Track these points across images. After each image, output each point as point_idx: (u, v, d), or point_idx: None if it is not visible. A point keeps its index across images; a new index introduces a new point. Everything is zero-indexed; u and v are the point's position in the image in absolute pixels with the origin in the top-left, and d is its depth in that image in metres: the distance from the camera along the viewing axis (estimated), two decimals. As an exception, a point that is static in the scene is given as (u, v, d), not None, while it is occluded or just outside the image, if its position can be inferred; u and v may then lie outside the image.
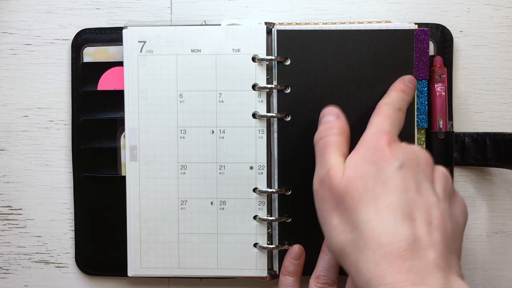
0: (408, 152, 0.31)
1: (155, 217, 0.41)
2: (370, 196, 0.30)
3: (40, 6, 0.43)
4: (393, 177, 0.30)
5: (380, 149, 0.31)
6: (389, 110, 0.34)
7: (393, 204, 0.29)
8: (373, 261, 0.28)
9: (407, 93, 0.37)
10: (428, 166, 0.32)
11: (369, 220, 0.29)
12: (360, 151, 0.32)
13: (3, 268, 0.44)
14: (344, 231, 0.30)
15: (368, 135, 0.33)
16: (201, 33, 0.40)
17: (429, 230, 0.29)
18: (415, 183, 0.30)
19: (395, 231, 0.28)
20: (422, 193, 0.30)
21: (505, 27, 0.42)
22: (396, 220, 0.29)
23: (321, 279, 0.38)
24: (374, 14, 0.43)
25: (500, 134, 0.40)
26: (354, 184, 0.30)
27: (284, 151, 0.40)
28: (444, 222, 0.30)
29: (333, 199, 0.31)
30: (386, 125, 0.33)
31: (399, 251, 0.28)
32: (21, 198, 0.44)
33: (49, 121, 0.44)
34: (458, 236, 0.31)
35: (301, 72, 0.40)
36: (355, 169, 0.31)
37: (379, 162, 0.31)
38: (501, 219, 0.43)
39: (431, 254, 0.28)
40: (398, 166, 0.30)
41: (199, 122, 0.40)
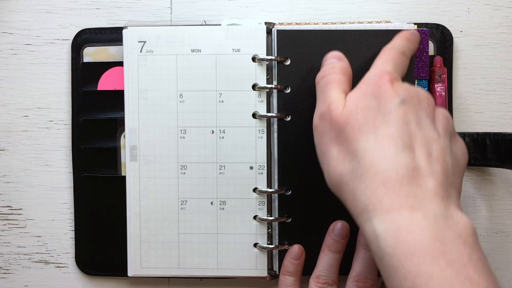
0: (410, 90, 0.31)
1: (155, 217, 0.41)
2: (371, 126, 0.30)
3: (40, 6, 0.43)
4: (394, 111, 0.30)
5: (382, 86, 0.31)
6: (392, 53, 0.34)
7: (393, 134, 0.29)
8: (371, 187, 0.28)
9: (411, 41, 0.36)
10: (430, 105, 0.32)
11: (368, 148, 0.29)
12: (361, 87, 0.32)
13: (3, 268, 0.44)
14: (343, 161, 0.30)
15: (370, 74, 0.33)
16: (201, 33, 0.40)
17: (429, 160, 0.29)
18: (415, 118, 0.30)
19: (394, 158, 0.28)
20: (423, 128, 0.30)
21: (505, 27, 0.42)
22: (396, 148, 0.29)
23: (321, 279, 0.38)
24: (374, 14, 0.43)
25: (500, 134, 0.40)
26: (355, 115, 0.30)
27: (284, 151, 0.40)
28: (444, 156, 0.30)
29: (333, 131, 0.31)
30: (389, 66, 0.33)
31: (398, 176, 0.28)
32: (21, 198, 0.44)
33: (49, 121, 0.44)
34: (458, 173, 0.31)
35: (301, 72, 0.40)
36: (357, 101, 0.31)
37: (380, 97, 0.30)
38: (501, 219, 0.43)
39: (431, 182, 0.28)
40: (399, 101, 0.30)
41: (199, 122, 0.40)
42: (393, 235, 0.27)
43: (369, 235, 0.28)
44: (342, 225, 0.39)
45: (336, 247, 0.39)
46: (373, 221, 0.27)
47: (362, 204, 0.28)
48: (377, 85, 0.31)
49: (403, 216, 0.27)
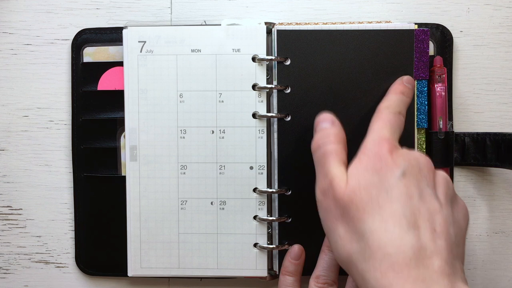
0: (409, 159, 0.31)
1: (155, 217, 0.41)
2: (375, 206, 0.30)
3: (40, 6, 0.43)
4: (396, 185, 0.30)
5: (382, 157, 0.31)
6: (389, 115, 0.34)
7: (397, 213, 0.29)
8: (380, 271, 0.28)
9: (406, 94, 0.37)
10: (430, 172, 0.32)
11: (374, 230, 0.29)
12: (362, 159, 0.32)
13: (3, 268, 0.44)
14: (350, 241, 0.30)
15: (369, 142, 0.33)
16: (201, 33, 0.40)
17: (433, 237, 0.29)
18: (417, 190, 0.30)
19: (400, 240, 0.28)
20: (425, 200, 0.30)
21: (505, 27, 0.42)
22: (401, 229, 0.29)
23: (321, 279, 0.38)
24: (374, 14, 0.43)
25: (500, 134, 0.40)
26: (359, 194, 0.30)
27: (284, 151, 0.40)
28: (447, 228, 0.30)
29: (337, 209, 0.31)
30: (387, 131, 0.33)
31: (405, 260, 0.28)
32: (21, 198, 0.44)
33: (49, 121, 0.44)
34: (461, 240, 0.32)
35: (301, 72, 0.40)
36: (359, 178, 0.31)
37: (381, 171, 0.31)
38: (501, 219, 0.43)
39: (437, 262, 0.28)
40: (400, 174, 0.30)
41: (199, 122, 0.40)
42: None
43: None
44: (342, 225, 0.39)
45: (336, 247, 0.39)
46: None
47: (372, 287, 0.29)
48: (377, 157, 0.31)
49: None
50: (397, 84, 0.38)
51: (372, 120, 0.35)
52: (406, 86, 0.37)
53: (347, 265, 0.31)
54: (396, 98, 0.36)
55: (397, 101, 0.36)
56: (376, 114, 0.35)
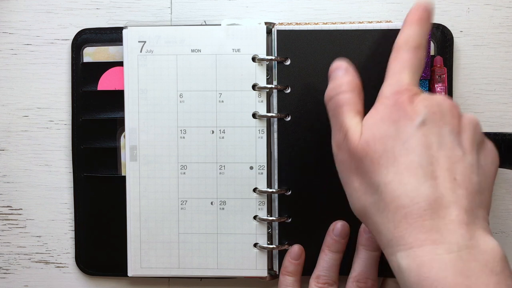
0: (431, 105, 0.30)
1: (155, 217, 0.41)
2: (390, 158, 0.29)
3: (40, 6, 0.43)
4: (414, 135, 0.29)
5: (400, 107, 0.30)
6: (407, 53, 0.32)
7: (413, 164, 0.28)
8: (394, 222, 0.27)
9: (422, 24, 0.33)
10: (454, 117, 0.30)
11: (389, 182, 0.28)
12: (378, 108, 0.31)
13: (3, 268, 0.44)
14: (365, 193, 0.29)
15: (387, 89, 0.31)
16: (201, 33, 0.40)
17: (452, 186, 0.28)
18: (438, 139, 0.29)
19: (415, 191, 0.28)
20: (447, 148, 0.29)
21: (505, 27, 0.42)
22: (416, 180, 0.28)
23: (321, 279, 0.38)
24: (374, 14, 0.43)
25: (500, 134, 0.40)
26: (373, 146, 0.29)
27: (284, 151, 0.40)
28: (470, 176, 0.29)
29: (352, 162, 0.30)
30: (406, 74, 0.31)
31: (420, 211, 0.27)
32: (21, 198, 0.44)
33: (49, 121, 0.44)
34: (487, 188, 0.30)
35: (301, 72, 0.40)
36: (373, 130, 0.30)
37: (399, 121, 0.29)
38: (501, 219, 0.43)
39: (454, 211, 0.27)
40: (419, 122, 0.29)
41: (199, 122, 0.40)
42: (416, 271, 0.26)
43: (395, 268, 0.28)
44: (342, 225, 0.39)
45: (336, 247, 0.39)
46: (397, 256, 0.27)
47: (386, 239, 0.28)
48: (395, 107, 0.30)
49: (426, 252, 0.26)
50: (414, 10, 0.33)
51: (390, 60, 0.32)
52: (424, 11, 0.33)
53: (363, 217, 0.30)
54: (414, 28, 0.32)
55: (416, 32, 0.32)
56: (393, 53, 0.32)
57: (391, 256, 0.28)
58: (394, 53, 0.32)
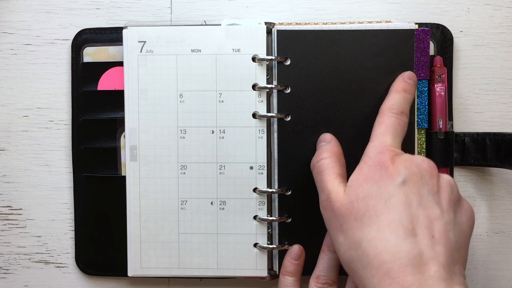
0: (411, 165, 0.32)
1: (155, 217, 0.41)
2: (372, 215, 0.30)
3: (40, 6, 0.43)
4: (395, 194, 0.30)
5: (382, 167, 0.32)
6: (391, 118, 0.34)
7: (394, 222, 0.30)
8: (377, 277, 0.29)
9: (408, 91, 0.37)
10: (432, 178, 0.32)
11: (371, 239, 0.30)
12: (362, 168, 0.33)
13: (3, 268, 0.44)
14: (349, 249, 0.31)
15: (371, 150, 0.33)
16: (201, 33, 0.40)
17: (431, 243, 0.29)
18: (417, 197, 0.31)
19: (396, 248, 0.29)
20: (425, 207, 0.31)
21: (505, 27, 0.42)
22: (397, 237, 0.29)
23: (321, 279, 0.38)
24: (374, 14, 0.43)
25: (500, 134, 0.40)
26: (356, 205, 0.31)
27: (284, 151, 0.40)
28: (447, 234, 0.30)
29: (337, 220, 0.32)
30: (389, 137, 0.33)
31: (401, 267, 0.28)
32: (21, 198, 0.44)
33: (49, 121, 0.44)
34: (463, 245, 0.32)
35: (301, 72, 0.40)
36: (357, 190, 0.32)
37: (381, 180, 0.31)
38: (501, 219, 0.43)
39: (433, 268, 0.28)
40: (400, 181, 0.31)
41: (199, 122, 0.40)
42: None
43: None
44: (342, 225, 0.39)
45: (336, 247, 0.39)
46: None
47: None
48: (378, 166, 0.32)
49: None
50: (398, 82, 0.37)
51: (375, 123, 0.35)
52: (407, 82, 0.37)
53: (349, 270, 0.31)
54: (398, 97, 0.36)
55: (400, 100, 0.36)
56: (378, 117, 0.35)
57: None
58: (379, 117, 0.35)
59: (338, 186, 0.33)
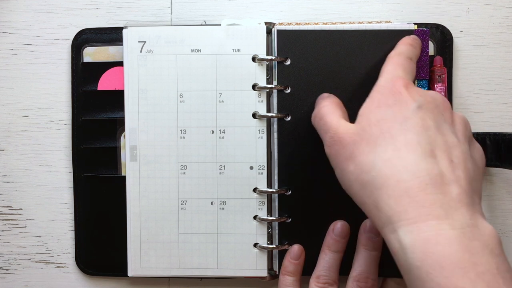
0: (426, 95, 0.31)
1: (155, 217, 0.41)
2: (387, 137, 0.29)
3: (40, 6, 0.43)
4: (412, 117, 0.29)
5: (396, 92, 0.30)
6: (400, 59, 0.34)
7: (412, 141, 0.28)
8: (394, 197, 0.27)
9: (414, 46, 0.36)
10: (447, 110, 0.31)
11: (387, 158, 0.28)
12: (374, 97, 0.31)
13: (3, 268, 0.44)
14: (361, 173, 0.29)
15: (382, 81, 0.32)
16: (201, 33, 0.40)
17: (451, 167, 0.28)
18: (434, 123, 0.30)
19: (416, 166, 0.27)
20: (443, 133, 0.30)
21: (505, 27, 0.42)
22: (416, 156, 0.28)
23: (322, 279, 0.38)
24: (374, 14, 0.43)
25: (500, 134, 0.40)
26: (369, 130, 0.30)
27: (284, 151, 0.40)
28: (466, 161, 0.29)
29: (346, 150, 0.31)
30: (400, 71, 0.33)
31: (421, 185, 0.27)
32: (21, 198, 0.44)
33: (49, 121, 0.44)
34: (478, 177, 0.30)
35: (301, 72, 0.40)
36: (369, 116, 0.30)
37: (396, 105, 0.30)
38: (501, 219, 0.43)
39: (455, 190, 0.27)
40: (416, 106, 0.30)
41: (199, 122, 0.40)
42: (421, 247, 0.26)
43: (395, 247, 0.27)
44: (342, 225, 0.39)
45: (336, 247, 0.39)
46: (399, 232, 0.27)
47: (386, 215, 0.27)
48: (392, 92, 0.31)
49: (430, 227, 0.26)
50: (405, 38, 0.37)
51: (383, 66, 0.34)
52: (414, 39, 0.37)
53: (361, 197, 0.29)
54: (406, 47, 0.36)
55: (407, 49, 0.35)
56: (386, 61, 0.34)
57: (391, 234, 0.27)
58: (387, 60, 0.34)
59: (345, 123, 0.32)
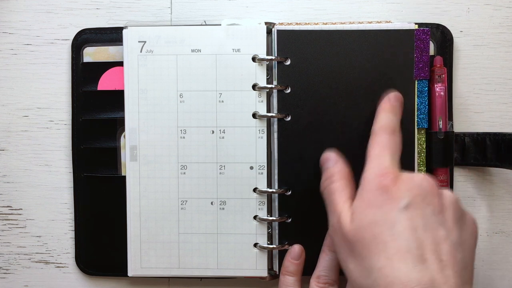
0: (413, 187, 0.31)
1: (155, 217, 0.41)
2: (380, 243, 0.30)
3: (40, 6, 0.43)
4: (400, 219, 0.30)
5: (383, 191, 0.31)
6: (385, 137, 0.34)
7: (402, 249, 0.29)
8: None
9: (395, 112, 0.37)
10: (434, 197, 0.32)
11: (381, 267, 0.29)
12: (363, 195, 0.32)
13: (3, 268, 0.44)
14: (360, 276, 0.31)
15: (370, 174, 0.33)
16: (201, 33, 0.40)
17: (440, 267, 0.29)
18: (422, 220, 0.30)
19: (407, 276, 0.29)
20: (431, 229, 0.30)
21: (505, 27, 0.42)
22: (407, 265, 0.29)
23: (322, 279, 0.38)
24: (374, 14, 0.43)
25: (500, 134, 0.40)
26: (362, 233, 0.31)
27: (284, 151, 0.40)
28: (454, 255, 0.30)
29: (346, 245, 0.32)
30: (386, 158, 0.33)
31: None
32: (21, 198, 0.44)
33: (49, 121, 0.44)
34: (469, 261, 0.32)
35: (301, 72, 0.40)
36: (361, 217, 0.31)
37: (384, 206, 0.31)
38: (501, 219, 0.43)
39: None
40: (403, 206, 0.31)
41: (199, 122, 0.40)
42: None
43: None
44: (342, 226, 0.39)
45: (336, 248, 0.39)
46: None
47: None
48: (379, 191, 0.31)
49: None
50: (384, 103, 0.37)
51: (369, 144, 0.35)
52: (393, 104, 0.37)
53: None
54: (387, 116, 0.36)
55: (389, 119, 0.36)
56: (372, 138, 0.35)
57: None
58: (372, 138, 0.35)
59: (348, 209, 0.33)
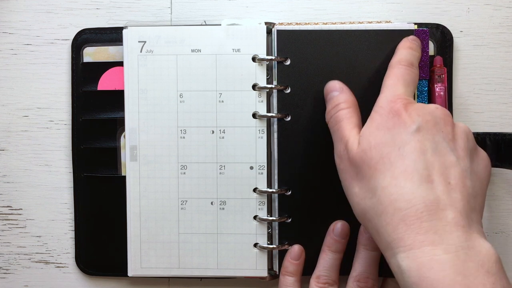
0: (425, 113, 0.31)
1: (155, 217, 0.41)
2: (386, 163, 0.30)
3: (40, 6, 0.43)
4: (410, 141, 0.30)
5: (395, 114, 0.31)
6: (401, 69, 0.34)
7: (409, 168, 0.29)
8: (392, 225, 0.29)
9: (414, 49, 0.37)
10: (447, 125, 0.31)
11: (385, 186, 0.29)
12: (374, 118, 0.32)
13: (3, 268, 0.44)
14: (364, 198, 0.31)
15: (382, 100, 0.33)
16: (201, 33, 0.40)
17: (447, 190, 0.29)
18: (432, 144, 0.30)
19: (411, 194, 0.29)
20: (440, 154, 0.30)
21: (505, 27, 0.42)
22: (412, 183, 0.29)
23: (322, 279, 0.38)
24: (374, 14, 0.43)
25: (500, 134, 0.40)
26: (369, 153, 0.31)
27: (284, 151, 0.40)
28: (464, 181, 0.30)
29: (352, 169, 0.32)
30: (400, 86, 0.33)
31: (417, 213, 0.28)
32: (21, 198, 0.44)
33: (49, 121, 0.44)
34: (480, 192, 0.31)
35: (301, 72, 0.40)
36: (370, 138, 0.31)
37: (394, 128, 0.31)
38: (501, 219, 0.43)
39: (450, 214, 0.28)
40: (414, 129, 0.30)
41: (199, 122, 0.40)
42: (416, 271, 0.27)
43: (395, 270, 0.29)
44: (342, 225, 0.39)
45: (337, 247, 0.39)
46: (397, 257, 0.28)
47: (386, 241, 0.29)
48: (391, 114, 0.31)
49: (425, 253, 0.27)
50: (404, 42, 0.37)
51: (385, 76, 0.35)
52: (413, 42, 0.37)
53: (363, 220, 0.31)
54: (406, 52, 0.36)
55: (408, 54, 0.36)
56: (388, 70, 0.35)
57: (391, 258, 0.29)
58: (388, 70, 0.35)
59: (355, 135, 0.33)
